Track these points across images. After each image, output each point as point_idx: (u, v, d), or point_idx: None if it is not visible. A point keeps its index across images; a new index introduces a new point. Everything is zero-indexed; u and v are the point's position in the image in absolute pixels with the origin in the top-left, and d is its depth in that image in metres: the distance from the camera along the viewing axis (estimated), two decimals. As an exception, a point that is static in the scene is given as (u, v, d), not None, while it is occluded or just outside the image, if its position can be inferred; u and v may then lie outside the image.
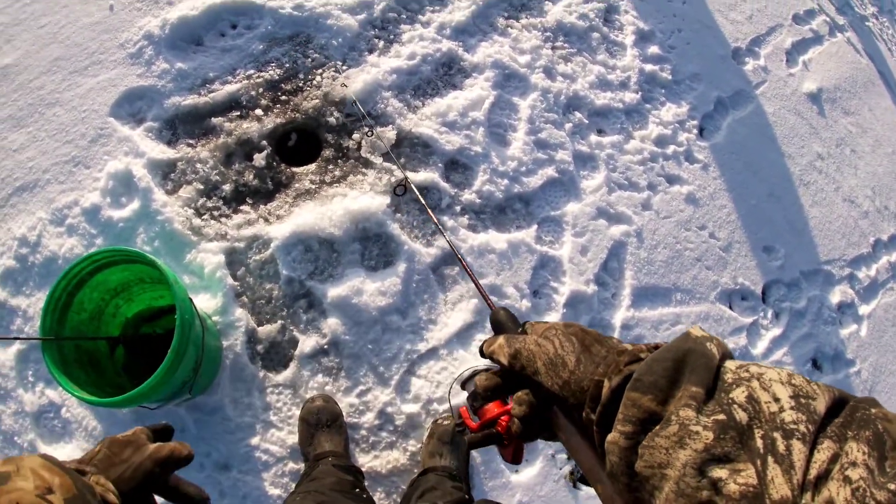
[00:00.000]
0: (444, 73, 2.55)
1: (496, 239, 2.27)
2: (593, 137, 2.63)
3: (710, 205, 2.73)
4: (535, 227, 2.36)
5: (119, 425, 1.91)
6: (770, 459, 0.44)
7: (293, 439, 1.93)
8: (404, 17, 2.61)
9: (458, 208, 2.29)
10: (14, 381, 1.96)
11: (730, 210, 2.77)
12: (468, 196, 2.32)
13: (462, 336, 2.13)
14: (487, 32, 2.70)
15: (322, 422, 1.86)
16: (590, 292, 2.31)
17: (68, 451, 1.90)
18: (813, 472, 0.42)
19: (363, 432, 1.98)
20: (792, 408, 0.46)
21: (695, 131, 2.89)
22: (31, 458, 0.60)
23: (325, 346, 2.02)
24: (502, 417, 0.75)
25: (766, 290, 2.72)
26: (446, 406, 2.02)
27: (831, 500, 0.40)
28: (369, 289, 2.07)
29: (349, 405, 1.98)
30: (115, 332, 1.82)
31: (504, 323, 0.87)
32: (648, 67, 2.93)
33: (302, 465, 1.90)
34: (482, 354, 0.78)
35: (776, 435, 0.44)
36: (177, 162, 2.18)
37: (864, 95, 3.69)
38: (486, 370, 0.80)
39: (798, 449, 0.43)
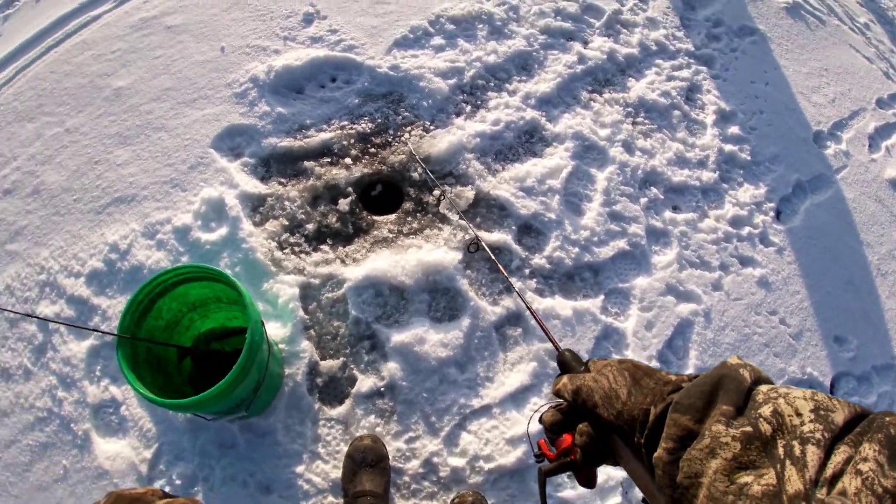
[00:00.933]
0: (525, 141, 2.63)
1: (562, 305, 2.28)
2: (668, 214, 2.63)
3: (782, 290, 2.66)
4: (601, 297, 2.36)
5: (174, 432, 1.99)
6: (787, 462, 0.49)
7: (336, 474, 1.96)
8: (492, 84, 2.73)
9: (527, 271, 2.33)
10: (82, 373, 2.09)
11: (803, 296, 2.69)
12: (538, 260, 2.35)
13: (517, 397, 2.14)
14: (570, 104, 2.78)
15: (367, 460, 1.89)
16: (651, 368, 2.27)
17: (119, 448, 1.99)
18: (829, 472, 0.46)
19: (406, 478, 1.99)
20: (811, 420, 0.51)
21: (771, 214, 2.84)
22: None
23: (382, 389, 2.06)
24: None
25: (835, 382, 2.61)
26: (491, 465, 2.01)
27: (844, 490, 0.44)
28: (432, 339, 2.12)
29: (396, 449, 2.01)
30: (187, 343, 1.91)
31: (568, 363, 0.97)
32: (728, 147, 2.92)
33: (341, 501, 1.93)
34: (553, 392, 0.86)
35: (795, 443, 0.50)
36: (267, 197, 2.32)
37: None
38: (557, 406, 0.88)
39: (812, 451, 0.48)
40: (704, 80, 3.13)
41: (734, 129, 3.00)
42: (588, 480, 0.83)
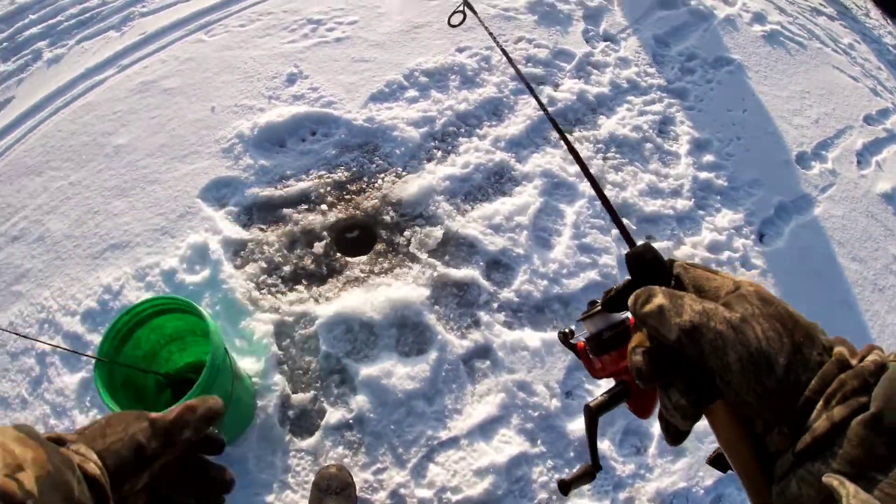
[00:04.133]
0: (495, 181, 2.76)
1: (531, 337, 2.35)
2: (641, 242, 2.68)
3: (763, 315, 2.66)
4: (572, 327, 2.41)
5: None
6: None
7: (305, 503, 2.03)
8: (463, 130, 2.88)
9: (495, 305, 2.41)
10: (73, 402, 2.22)
11: (791, 320, 2.67)
12: (506, 294, 2.43)
13: (485, 428, 2.20)
14: (540, 145, 2.90)
15: (332, 488, 1.96)
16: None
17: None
18: None
19: (372, 510, 2.05)
20: None
21: (753, 237, 2.85)
22: (3, 429, 0.50)
23: (350, 421, 2.16)
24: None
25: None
26: (459, 496, 2.06)
27: None
28: (399, 372, 2.21)
29: (364, 480, 2.09)
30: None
31: (651, 267, 0.61)
32: (703, 175, 2.97)
33: (307, 530, 2.00)
34: (629, 309, 0.58)
35: None
36: (248, 242, 2.49)
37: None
38: (621, 324, 0.66)
39: None
40: (678, 113, 3.20)
41: (709, 157, 3.05)
42: (643, 407, 0.64)
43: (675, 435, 0.57)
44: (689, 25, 3.76)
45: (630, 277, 0.63)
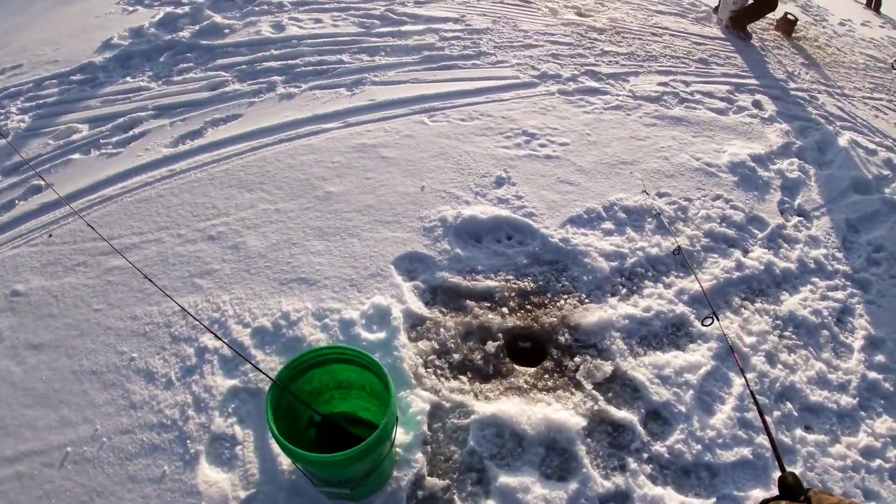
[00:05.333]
0: (671, 332, 2.82)
1: (672, 497, 2.34)
2: (799, 431, 2.63)
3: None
4: (713, 500, 2.38)
5: (273, 485, 2.15)
6: None
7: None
8: (650, 274, 3.00)
9: (645, 455, 2.43)
10: (217, 403, 2.39)
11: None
12: (659, 448, 2.44)
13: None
14: (721, 308, 2.95)
15: None
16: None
17: (220, 478, 2.20)
18: None
19: None
20: None
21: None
22: None
23: (476, 522, 2.21)
24: None
25: None
26: None
27: None
28: (537, 491, 2.26)
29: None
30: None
31: (791, 488, 1.02)
32: (872, 375, 2.90)
33: None
34: None
35: None
36: (427, 320, 2.67)
37: None
38: None
39: None
40: (858, 304, 3.15)
41: (881, 358, 2.97)
42: None
43: None
44: (880, 215, 3.71)
45: (778, 493, 0.97)
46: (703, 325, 2.41)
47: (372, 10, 5.52)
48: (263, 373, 1.98)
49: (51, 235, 3.16)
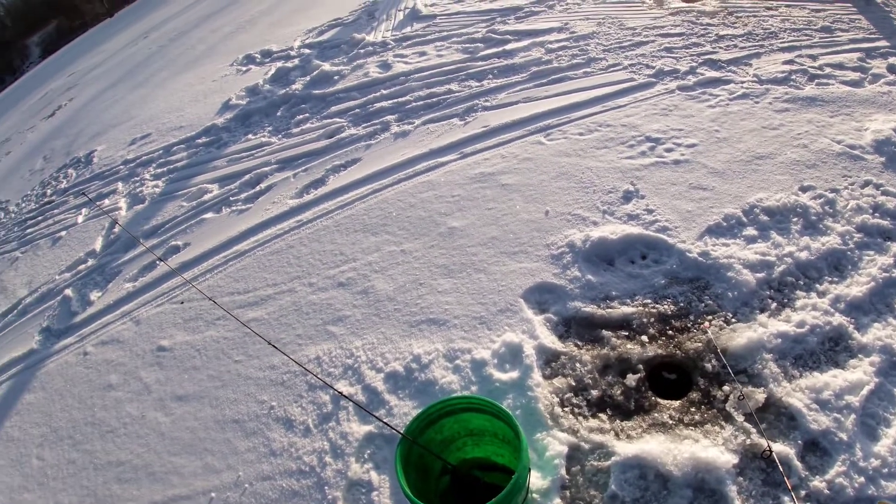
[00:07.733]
0: (829, 348, 2.46)
1: (842, 541, 2.00)
2: None
3: None
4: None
5: None
6: None
7: None
8: (802, 283, 2.64)
9: (802, 493, 2.11)
10: (353, 450, 2.42)
11: None
12: (817, 483, 2.12)
13: None
14: (883, 313, 2.53)
15: None
16: None
17: None
18: None
19: None
20: None
21: None
22: None
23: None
24: None
25: None
26: None
27: None
28: (684, 538, 2.03)
29: None
30: (454, 462, 2.12)
31: None
32: None
33: None
34: None
35: None
36: (561, 355, 2.53)
37: None
38: None
39: None
40: None
41: None
42: None
43: None
44: None
45: None
46: (762, 457, 2.11)
47: (474, 34, 5.53)
48: (392, 427, 1.98)
49: (182, 302, 3.46)
